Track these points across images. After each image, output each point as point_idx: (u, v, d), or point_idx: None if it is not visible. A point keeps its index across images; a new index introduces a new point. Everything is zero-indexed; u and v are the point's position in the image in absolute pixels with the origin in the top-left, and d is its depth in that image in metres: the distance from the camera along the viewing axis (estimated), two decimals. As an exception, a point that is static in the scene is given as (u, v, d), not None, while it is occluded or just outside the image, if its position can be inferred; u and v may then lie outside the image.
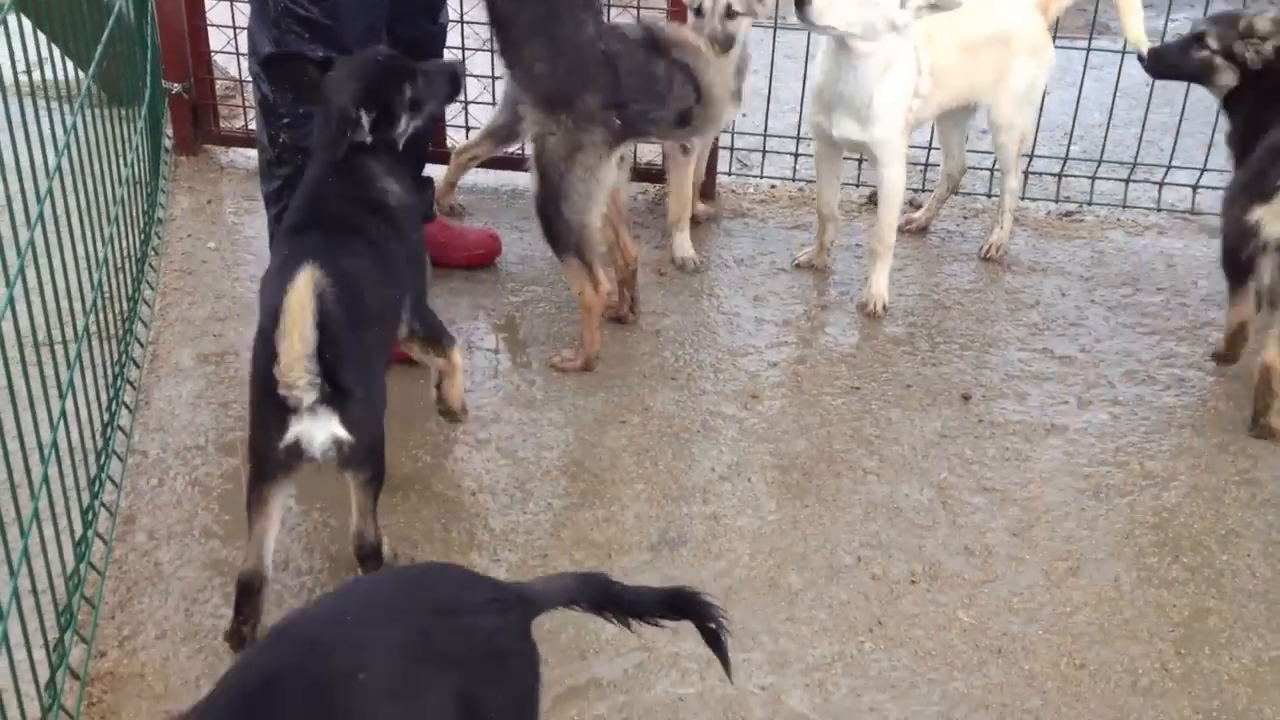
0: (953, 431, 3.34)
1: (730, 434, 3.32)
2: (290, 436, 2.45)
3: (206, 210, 4.21)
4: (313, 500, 2.99)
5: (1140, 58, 3.83)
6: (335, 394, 2.39)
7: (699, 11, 3.73)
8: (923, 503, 3.09)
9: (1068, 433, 3.34)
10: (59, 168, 2.47)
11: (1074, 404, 3.45)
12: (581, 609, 2.04)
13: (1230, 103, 3.72)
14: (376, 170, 2.82)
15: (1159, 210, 4.40)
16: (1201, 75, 3.74)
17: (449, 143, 4.47)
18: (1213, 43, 3.68)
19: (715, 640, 2.08)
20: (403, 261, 2.82)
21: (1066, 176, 4.43)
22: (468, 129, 4.46)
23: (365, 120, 2.76)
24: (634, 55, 3.34)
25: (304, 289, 2.23)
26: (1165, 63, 3.79)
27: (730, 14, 3.71)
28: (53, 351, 2.67)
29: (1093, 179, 4.37)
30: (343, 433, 2.46)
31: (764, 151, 4.51)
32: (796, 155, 4.48)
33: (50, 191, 2.40)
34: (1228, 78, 3.68)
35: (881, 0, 3.49)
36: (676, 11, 4.09)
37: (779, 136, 4.48)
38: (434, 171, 4.11)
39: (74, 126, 2.66)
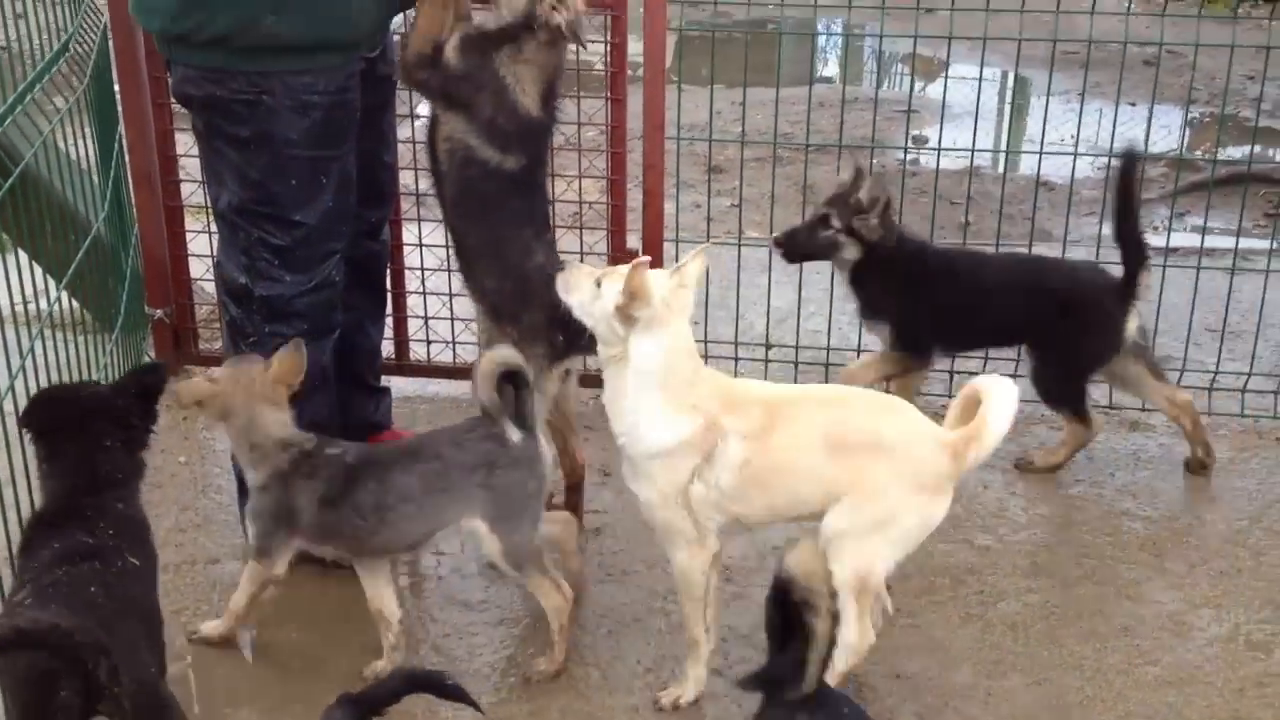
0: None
1: (659, 626, 3.47)
2: None
3: (181, 427, 4.46)
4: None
5: (777, 243, 4.16)
6: None
7: None
8: (835, 690, 3.22)
9: (980, 622, 3.49)
10: (10, 388, 2.74)
11: (988, 593, 3.60)
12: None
13: (856, 275, 4.16)
14: None
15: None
16: (829, 252, 4.14)
17: (411, 356, 4.77)
18: (836, 222, 4.07)
19: (457, 694, 2.54)
20: None
21: (1015, 376, 4.61)
22: (429, 343, 4.75)
23: None
24: None
25: None
26: (798, 245, 4.14)
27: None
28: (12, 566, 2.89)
29: (1014, 377, 4.55)
30: None
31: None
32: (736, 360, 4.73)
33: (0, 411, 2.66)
34: (851, 252, 4.10)
35: (606, 291, 2.95)
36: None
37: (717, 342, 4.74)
38: (391, 382, 4.37)
39: (30, 350, 2.94)
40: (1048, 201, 6.76)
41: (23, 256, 3.33)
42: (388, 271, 4.25)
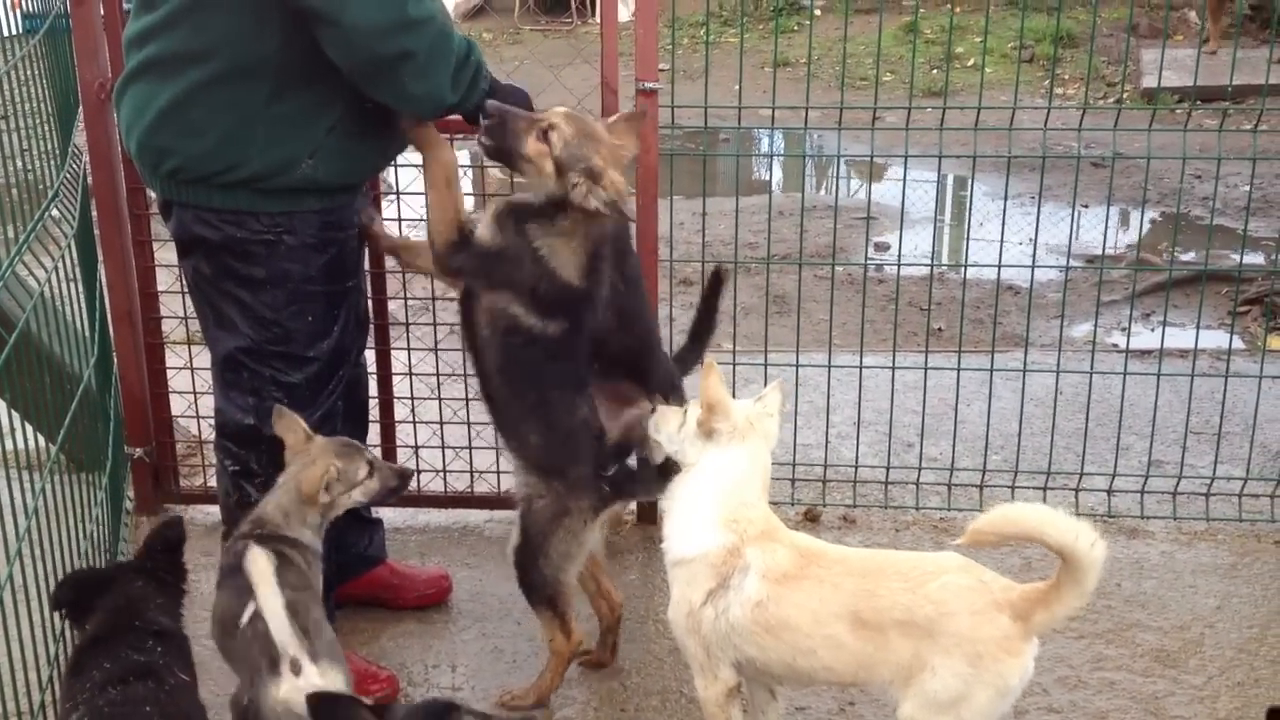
0: (895, 748, 3.41)
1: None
2: None
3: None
4: None
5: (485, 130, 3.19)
6: None
7: None
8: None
9: (1006, 743, 3.42)
10: (19, 551, 2.63)
11: (1009, 713, 3.54)
12: None
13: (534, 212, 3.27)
14: None
15: (1077, 515, 4.55)
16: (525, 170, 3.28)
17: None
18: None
19: None
20: None
21: (988, 487, 4.64)
22: (419, 472, 4.66)
23: None
24: None
25: None
26: (502, 145, 3.22)
27: None
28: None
29: (1012, 488, 4.57)
30: None
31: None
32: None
33: (10, 577, 2.55)
34: (552, 186, 3.22)
35: (690, 413, 3.05)
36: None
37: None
38: (381, 513, 4.28)
39: (42, 491, 2.87)
40: (1015, 305, 6.88)
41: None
42: (369, 399, 4.17)
